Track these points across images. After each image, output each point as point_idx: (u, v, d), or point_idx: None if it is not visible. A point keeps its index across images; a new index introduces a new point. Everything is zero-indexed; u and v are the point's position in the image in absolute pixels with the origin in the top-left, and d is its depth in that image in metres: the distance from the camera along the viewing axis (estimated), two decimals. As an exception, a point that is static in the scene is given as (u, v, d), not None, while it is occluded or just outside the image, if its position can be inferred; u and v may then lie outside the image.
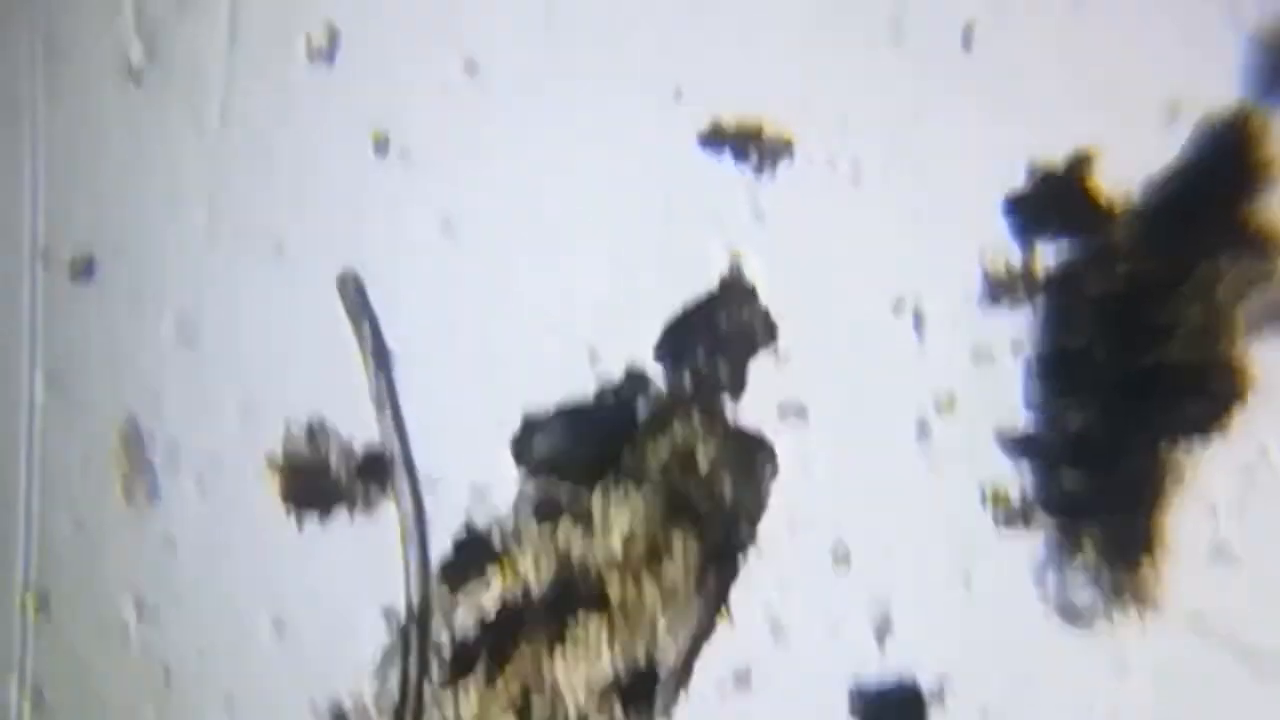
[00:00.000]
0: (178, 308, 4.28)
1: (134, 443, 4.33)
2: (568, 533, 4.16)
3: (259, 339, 4.28)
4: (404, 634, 4.24)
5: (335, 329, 4.25)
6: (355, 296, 4.24)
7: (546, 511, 4.18)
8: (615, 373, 4.17)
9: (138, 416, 4.32)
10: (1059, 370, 3.93)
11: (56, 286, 4.30)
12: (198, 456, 4.34)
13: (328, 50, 4.21)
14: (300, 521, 4.30)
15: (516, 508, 4.19)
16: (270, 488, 4.29)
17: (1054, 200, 3.87)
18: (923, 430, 3.98)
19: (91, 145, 4.27)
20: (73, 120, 4.27)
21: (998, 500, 3.94)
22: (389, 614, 4.25)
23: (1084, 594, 3.90)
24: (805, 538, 4.04)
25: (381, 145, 4.21)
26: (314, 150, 4.23)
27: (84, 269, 4.29)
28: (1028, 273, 3.92)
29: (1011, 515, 3.95)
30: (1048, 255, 3.89)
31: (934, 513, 3.97)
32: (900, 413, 4.00)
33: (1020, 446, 3.95)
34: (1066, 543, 3.91)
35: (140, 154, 4.27)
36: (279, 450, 4.29)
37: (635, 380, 4.19)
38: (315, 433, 4.28)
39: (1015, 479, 3.92)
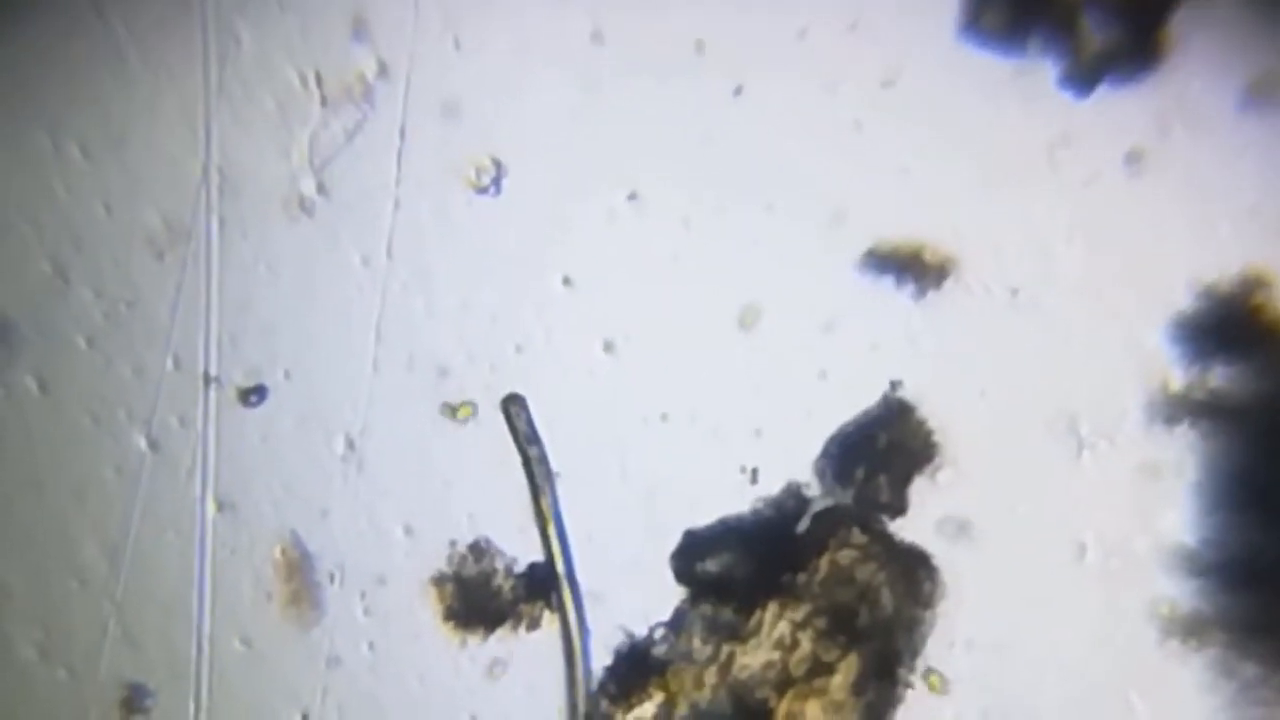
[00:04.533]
0: (345, 431, 4.38)
1: (300, 562, 4.42)
2: (730, 650, 4.22)
3: (424, 461, 4.37)
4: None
5: (499, 450, 4.33)
6: (520, 419, 4.34)
7: (708, 628, 4.23)
8: (775, 491, 4.24)
9: (304, 537, 4.41)
10: (1224, 491, 3.96)
11: (227, 411, 4.42)
12: (362, 575, 4.42)
13: (494, 183, 4.33)
14: (463, 638, 4.37)
15: (677, 624, 4.25)
16: (434, 605, 4.36)
17: (1220, 322, 3.92)
18: (1082, 550, 4.04)
19: (262, 275, 4.40)
20: (245, 251, 4.40)
21: (1164, 618, 3.97)
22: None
23: (1254, 711, 3.92)
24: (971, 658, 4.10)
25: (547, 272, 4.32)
26: (478, 280, 4.34)
27: (254, 394, 4.41)
28: (1192, 395, 3.97)
29: (1178, 633, 3.98)
30: (1213, 377, 3.94)
31: (1098, 632, 4.03)
32: (1061, 531, 4.06)
33: (1187, 566, 3.98)
34: (1235, 660, 3.93)
35: (309, 284, 4.39)
36: (443, 568, 4.37)
37: (796, 497, 4.25)
38: (479, 551, 4.36)
39: (1181, 598, 3.96)
